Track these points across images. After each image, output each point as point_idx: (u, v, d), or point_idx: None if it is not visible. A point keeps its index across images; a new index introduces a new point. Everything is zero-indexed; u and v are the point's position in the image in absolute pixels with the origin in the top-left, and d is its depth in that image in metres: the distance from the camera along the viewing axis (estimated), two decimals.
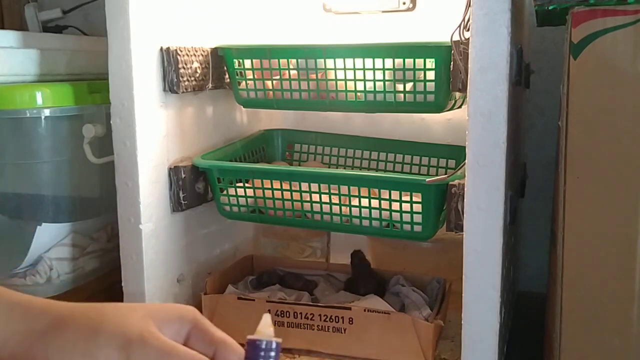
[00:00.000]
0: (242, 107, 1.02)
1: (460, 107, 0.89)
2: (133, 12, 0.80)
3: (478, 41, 0.67)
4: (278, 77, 0.90)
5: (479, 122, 0.68)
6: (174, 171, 0.88)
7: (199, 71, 0.90)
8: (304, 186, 0.86)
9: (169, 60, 0.85)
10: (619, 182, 0.66)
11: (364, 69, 0.85)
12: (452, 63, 0.78)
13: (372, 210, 0.83)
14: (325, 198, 0.85)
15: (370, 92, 0.86)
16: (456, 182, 0.75)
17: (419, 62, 0.82)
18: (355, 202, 0.84)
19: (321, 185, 0.85)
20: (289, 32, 1.14)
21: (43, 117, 0.90)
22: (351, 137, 1.09)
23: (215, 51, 0.94)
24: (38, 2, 1.37)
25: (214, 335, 0.43)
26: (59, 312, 0.42)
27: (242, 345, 0.41)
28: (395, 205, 0.81)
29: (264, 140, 1.10)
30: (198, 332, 0.43)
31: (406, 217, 0.81)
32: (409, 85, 0.84)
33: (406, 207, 0.81)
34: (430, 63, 0.81)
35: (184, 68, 0.86)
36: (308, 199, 0.86)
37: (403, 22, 1.08)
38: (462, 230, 0.72)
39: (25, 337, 0.40)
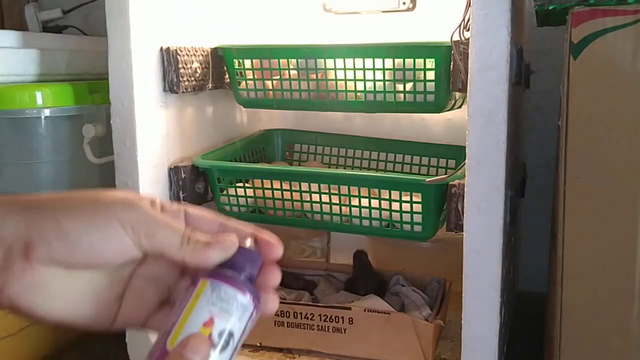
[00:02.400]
0: (242, 107, 1.02)
1: (460, 107, 0.89)
2: (133, 12, 0.80)
3: (478, 41, 0.67)
4: (278, 77, 0.90)
5: (479, 122, 0.68)
6: (174, 171, 0.88)
7: (199, 71, 0.90)
8: (304, 186, 0.86)
9: (169, 60, 0.85)
10: (619, 182, 0.66)
11: (364, 69, 0.85)
12: (452, 63, 0.78)
13: (372, 210, 0.83)
14: (325, 198, 0.85)
15: (370, 92, 0.86)
16: (456, 182, 0.75)
17: (419, 62, 0.82)
18: (355, 202, 0.84)
19: (321, 185, 0.85)
20: (289, 32, 1.14)
21: (43, 117, 0.90)
22: (351, 137, 1.09)
23: (215, 51, 0.93)
24: (38, 2, 1.37)
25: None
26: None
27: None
28: (395, 205, 0.81)
29: (264, 140, 1.10)
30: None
31: (406, 217, 0.81)
32: (409, 85, 0.84)
33: (406, 207, 0.81)
34: (430, 63, 0.81)
35: (184, 68, 0.86)
36: (308, 199, 0.86)
37: (403, 22, 1.07)
38: (462, 230, 0.72)
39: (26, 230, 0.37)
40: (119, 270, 0.40)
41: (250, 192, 0.89)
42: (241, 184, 0.90)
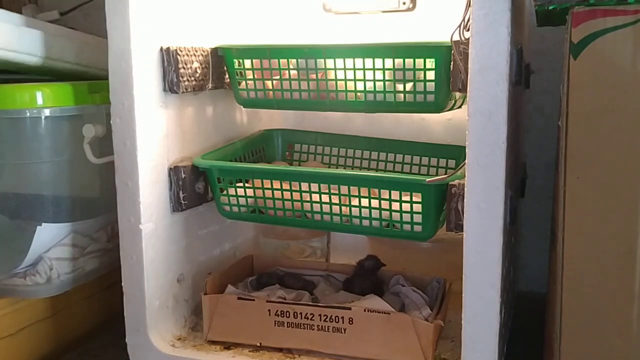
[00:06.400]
0: (242, 107, 1.02)
1: (460, 107, 0.89)
2: (133, 12, 0.80)
3: (478, 41, 0.67)
4: (278, 77, 0.90)
5: (479, 122, 0.68)
6: (174, 171, 0.88)
7: (199, 71, 0.90)
8: (304, 186, 0.86)
9: (169, 60, 0.85)
10: (619, 182, 0.66)
11: (364, 69, 0.85)
12: (452, 63, 0.78)
13: (372, 210, 0.83)
14: (325, 198, 0.85)
15: (370, 92, 0.86)
16: (456, 182, 0.75)
17: (419, 62, 0.82)
18: (355, 202, 0.84)
19: (321, 185, 0.85)
20: (289, 32, 1.14)
21: (43, 117, 0.91)
22: (351, 137, 1.09)
23: (215, 51, 0.94)
24: (38, 2, 1.37)
25: None
26: None
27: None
28: (395, 205, 0.81)
29: (264, 140, 1.10)
30: None
31: (406, 217, 0.81)
32: (409, 85, 0.84)
33: (406, 207, 0.81)
34: (430, 63, 0.81)
35: (184, 68, 0.86)
36: (308, 199, 0.86)
37: (403, 22, 1.08)
38: (462, 230, 0.72)
39: None
40: None
41: (250, 192, 0.89)
42: (241, 184, 0.90)
